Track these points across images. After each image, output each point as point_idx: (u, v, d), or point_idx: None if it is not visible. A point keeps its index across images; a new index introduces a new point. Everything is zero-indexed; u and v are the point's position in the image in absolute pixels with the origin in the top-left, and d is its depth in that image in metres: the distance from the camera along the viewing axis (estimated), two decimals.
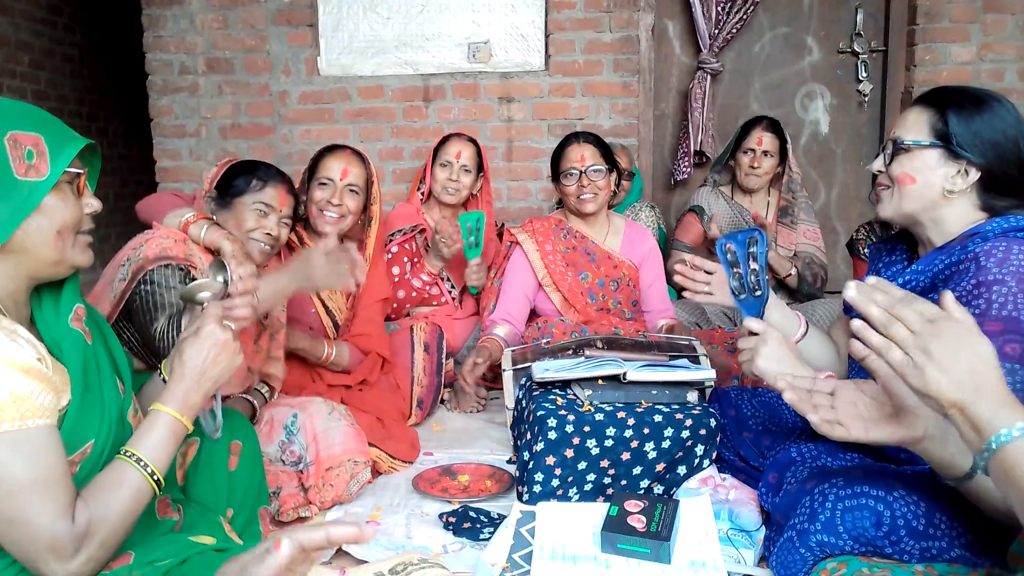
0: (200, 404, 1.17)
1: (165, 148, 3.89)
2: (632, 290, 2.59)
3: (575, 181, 2.48)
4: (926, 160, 1.43)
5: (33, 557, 0.99)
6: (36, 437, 0.99)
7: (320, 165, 2.30)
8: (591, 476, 1.73)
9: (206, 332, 1.17)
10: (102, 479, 1.07)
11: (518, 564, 1.46)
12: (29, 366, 0.99)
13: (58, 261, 1.08)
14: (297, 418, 1.86)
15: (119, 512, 1.05)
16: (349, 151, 2.33)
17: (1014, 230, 1.39)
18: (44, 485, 0.98)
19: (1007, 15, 3.61)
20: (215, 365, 1.17)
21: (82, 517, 1.02)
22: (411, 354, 2.45)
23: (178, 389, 1.15)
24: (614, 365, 1.84)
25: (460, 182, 2.86)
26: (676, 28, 3.90)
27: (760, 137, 3.03)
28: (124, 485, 1.07)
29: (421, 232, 2.89)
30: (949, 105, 1.42)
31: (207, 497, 1.37)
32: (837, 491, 1.26)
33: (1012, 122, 1.41)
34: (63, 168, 1.05)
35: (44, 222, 1.04)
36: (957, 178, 1.42)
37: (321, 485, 1.78)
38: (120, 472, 1.08)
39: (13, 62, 4.72)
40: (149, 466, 1.09)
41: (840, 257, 3.81)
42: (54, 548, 0.99)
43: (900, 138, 1.45)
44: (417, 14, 3.77)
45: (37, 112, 1.08)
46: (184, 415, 1.14)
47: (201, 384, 1.16)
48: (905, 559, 1.21)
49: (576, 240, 2.58)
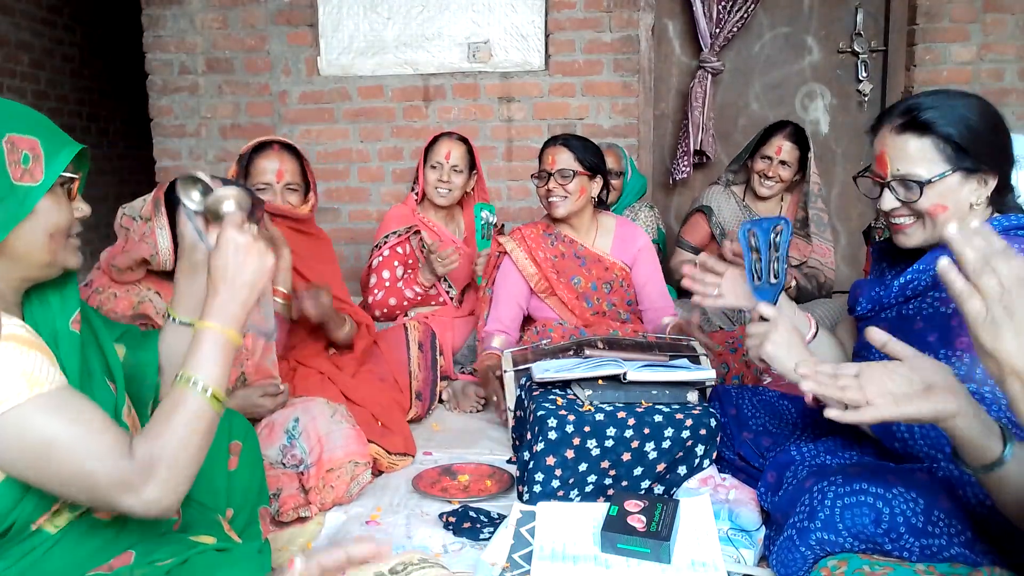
0: (241, 314, 1.13)
1: (165, 148, 3.90)
2: (626, 291, 2.58)
3: (544, 183, 2.48)
4: (950, 185, 1.42)
5: (110, 500, 1.01)
6: (64, 396, 1.01)
7: (252, 167, 2.25)
8: (592, 478, 1.73)
9: (223, 239, 1.14)
10: (160, 410, 1.08)
11: (518, 564, 1.46)
12: (31, 339, 1.01)
13: (49, 263, 1.09)
14: (299, 422, 1.86)
15: (180, 435, 1.05)
16: (277, 147, 2.26)
17: (1013, 228, 1.39)
18: (90, 434, 1.00)
19: (1007, 15, 3.61)
20: (243, 269, 1.13)
21: (141, 450, 1.03)
22: (406, 351, 2.48)
23: (214, 304, 1.12)
24: (614, 365, 1.84)
25: (451, 183, 2.84)
26: (676, 28, 3.90)
27: (780, 146, 2.96)
28: (179, 408, 1.07)
29: (416, 233, 2.87)
30: (941, 125, 1.41)
31: (207, 497, 1.37)
32: (836, 489, 1.26)
33: (985, 110, 1.42)
34: (58, 173, 1.05)
35: (37, 226, 1.05)
36: (980, 190, 1.42)
37: (322, 487, 1.78)
38: (174, 398, 1.08)
39: (13, 62, 4.72)
40: (200, 382, 1.08)
41: (840, 257, 3.81)
42: (123, 485, 1.01)
43: (916, 175, 1.42)
44: (417, 14, 3.77)
45: (33, 114, 1.08)
46: (227, 327, 1.12)
47: (236, 293, 1.12)
48: (906, 557, 1.21)
49: (565, 245, 2.57)
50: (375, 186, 3.93)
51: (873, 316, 1.57)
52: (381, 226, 2.90)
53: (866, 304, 1.58)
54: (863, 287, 1.64)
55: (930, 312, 1.44)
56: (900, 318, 1.50)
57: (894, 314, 1.52)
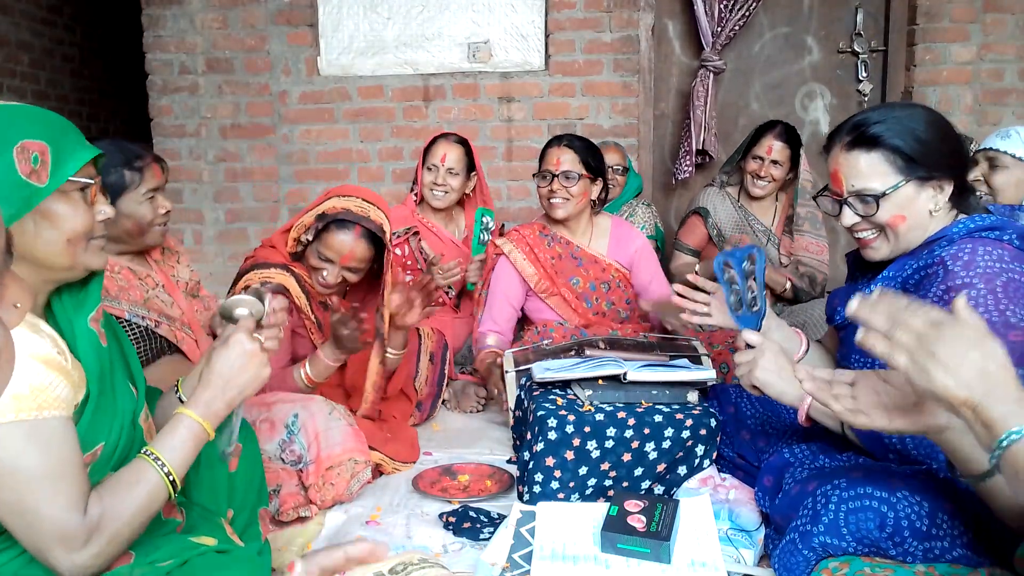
0: (223, 412, 1.19)
1: (165, 148, 3.89)
2: (624, 290, 2.58)
3: (547, 184, 2.47)
4: (906, 195, 1.44)
5: (43, 547, 1.01)
6: (52, 428, 1.01)
7: (323, 241, 2.08)
8: (592, 480, 1.72)
9: (234, 340, 1.20)
10: (120, 476, 1.10)
11: (518, 564, 1.46)
12: (49, 358, 1.02)
13: (70, 266, 1.10)
14: (298, 417, 1.86)
15: (133, 509, 1.07)
16: (359, 229, 2.05)
17: (979, 230, 1.40)
18: (57, 476, 1.00)
19: (1007, 15, 3.61)
20: (241, 373, 1.19)
21: (94, 510, 1.03)
22: (417, 362, 2.42)
23: (203, 395, 1.17)
24: (614, 365, 1.84)
25: (446, 185, 2.81)
26: (676, 28, 3.90)
27: (770, 145, 2.98)
28: (141, 483, 1.09)
29: (415, 235, 2.86)
30: (889, 138, 1.42)
31: (208, 498, 1.38)
32: (840, 492, 1.26)
33: (932, 119, 1.45)
34: (65, 177, 1.07)
35: (55, 231, 1.07)
36: (937, 196, 1.45)
37: (321, 484, 1.78)
38: (138, 470, 1.10)
39: (13, 62, 4.72)
40: (167, 466, 1.11)
41: (840, 257, 3.81)
42: (64, 539, 1.00)
43: (871, 189, 1.44)
44: (417, 14, 3.77)
45: (51, 119, 1.09)
46: (206, 420, 1.17)
47: (226, 391, 1.18)
48: (908, 560, 1.21)
49: (561, 247, 2.56)
50: (375, 186, 3.92)
51: (851, 324, 1.58)
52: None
53: (844, 312, 1.59)
54: (840, 296, 1.66)
55: None
56: None
57: None
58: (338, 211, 2.04)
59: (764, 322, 1.55)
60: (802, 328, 2.72)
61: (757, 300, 1.54)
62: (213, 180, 3.93)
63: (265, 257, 2.12)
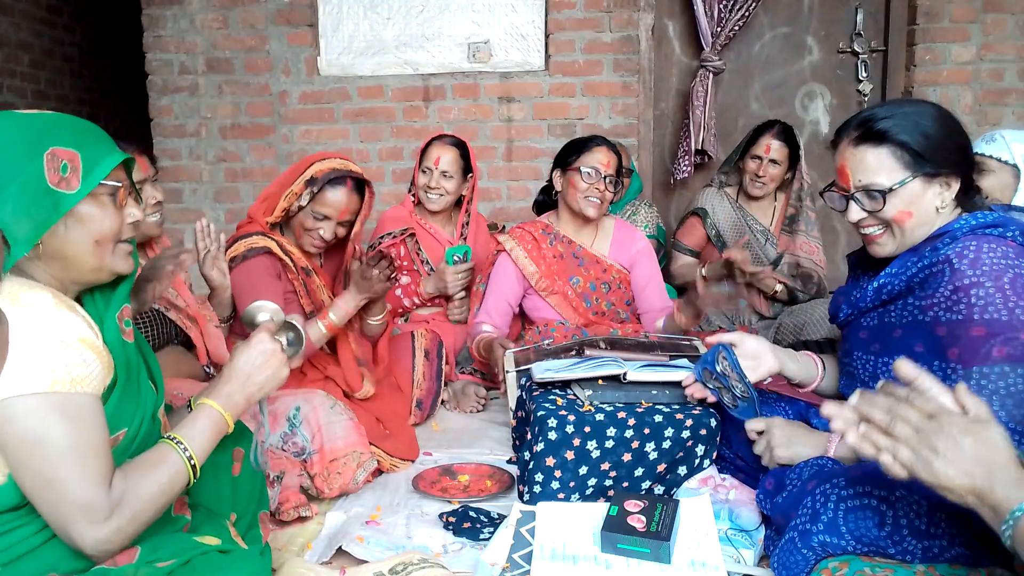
0: (242, 406, 1.26)
1: (165, 148, 3.90)
2: (624, 291, 2.58)
3: (593, 182, 2.45)
4: (912, 191, 1.44)
5: (65, 520, 1.04)
6: (83, 404, 1.05)
7: (318, 198, 2.16)
8: (592, 480, 1.72)
9: (256, 340, 1.29)
10: (144, 457, 1.14)
11: (518, 564, 1.46)
12: (85, 337, 1.07)
13: (98, 268, 1.14)
14: (300, 410, 1.89)
15: (154, 489, 1.11)
16: (351, 183, 2.21)
17: (982, 227, 1.40)
18: (86, 450, 1.05)
19: (1007, 15, 3.61)
20: (261, 371, 1.27)
21: (119, 487, 1.08)
22: (412, 359, 2.46)
23: (224, 388, 1.25)
24: (614, 365, 1.84)
25: (440, 188, 2.78)
26: (676, 28, 3.90)
27: (768, 145, 2.98)
28: (164, 464, 1.14)
29: (412, 236, 2.85)
30: (896, 134, 1.43)
31: (213, 502, 1.40)
32: (839, 492, 1.26)
33: (940, 116, 1.45)
34: (96, 183, 1.10)
35: (83, 232, 1.10)
36: (944, 193, 1.45)
37: (327, 474, 1.82)
38: (161, 452, 1.15)
39: (13, 62, 4.72)
40: (188, 450, 1.16)
41: (840, 257, 3.81)
42: (88, 512, 1.04)
43: (878, 184, 1.44)
44: (417, 14, 3.77)
45: (80, 126, 1.12)
46: (227, 411, 1.23)
47: (246, 386, 1.26)
48: (907, 559, 1.21)
49: (564, 245, 2.56)
50: (375, 186, 3.91)
51: (854, 320, 1.59)
52: (377, 227, 2.87)
53: (847, 309, 1.60)
54: (843, 294, 1.66)
55: (909, 320, 1.46)
56: (881, 325, 1.52)
57: (875, 321, 1.55)
58: (327, 172, 2.14)
59: (775, 361, 1.67)
60: (802, 328, 2.75)
61: (745, 390, 1.62)
62: (213, 180, 3.93)
63: (246, 230, 2.22)
